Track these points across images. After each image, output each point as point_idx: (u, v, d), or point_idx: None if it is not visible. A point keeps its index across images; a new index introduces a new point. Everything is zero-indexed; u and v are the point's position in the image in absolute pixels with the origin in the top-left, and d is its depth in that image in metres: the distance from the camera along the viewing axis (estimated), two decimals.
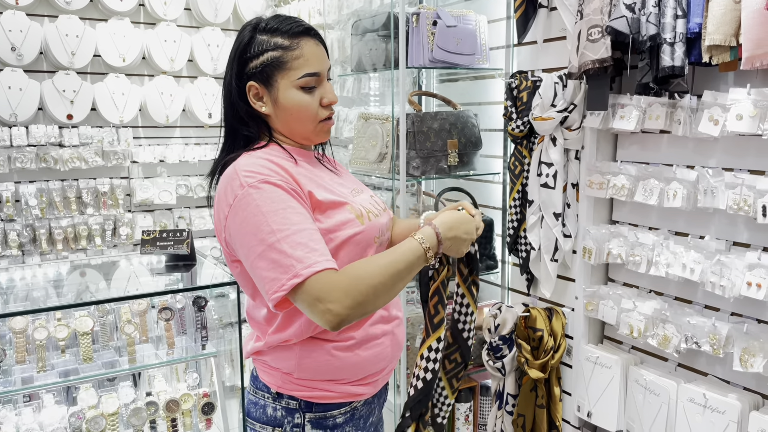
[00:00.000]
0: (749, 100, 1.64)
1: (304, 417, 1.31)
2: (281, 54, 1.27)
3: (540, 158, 2.20)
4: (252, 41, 1.28)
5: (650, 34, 1.74)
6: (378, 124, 2.44)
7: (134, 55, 3.67)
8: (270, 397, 1.33)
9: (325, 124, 1.34)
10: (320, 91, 1.31)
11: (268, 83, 1.29)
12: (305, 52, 1.29)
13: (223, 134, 1.35)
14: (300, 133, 1.33)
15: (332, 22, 3.22)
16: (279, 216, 1.16)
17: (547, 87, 2.10)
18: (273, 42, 1.27)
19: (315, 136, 1.35)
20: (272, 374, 1.33)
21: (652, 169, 1.93)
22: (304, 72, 1.28)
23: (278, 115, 1.31)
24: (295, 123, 1.31)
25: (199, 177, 4.00)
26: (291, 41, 1.28)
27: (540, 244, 2.24)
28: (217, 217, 1.25)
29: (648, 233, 1.96)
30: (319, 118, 1.32)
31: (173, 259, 2.01)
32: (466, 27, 2.33)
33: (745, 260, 1.67)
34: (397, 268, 1.20)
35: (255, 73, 1.28)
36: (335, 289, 1.13)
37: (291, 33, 1.28)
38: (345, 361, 1.31)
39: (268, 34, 1.28)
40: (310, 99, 1.30)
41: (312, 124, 1.32)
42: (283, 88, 1.28)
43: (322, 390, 1.31)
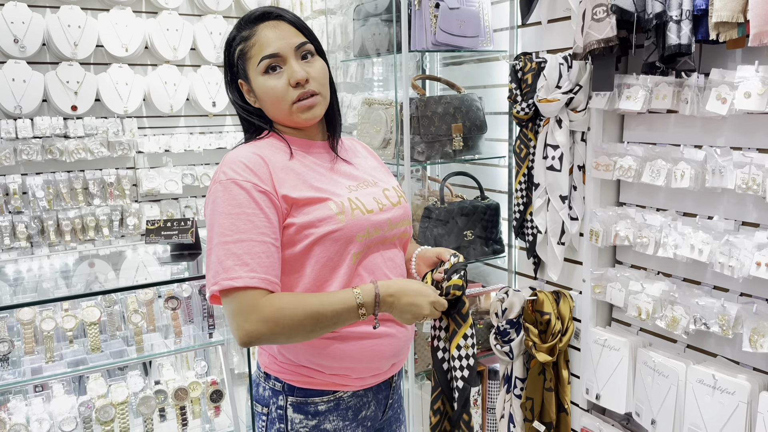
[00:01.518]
0: (757, 78, 1.61)
1: (287, 400, 1.31)
2: (243, 45, 1.29)
3: (546, 141, 2.17)
4: (231, 41, 1.33)
5: (656, 11, 1.70)
6: (382, 110, 2.42)
7: (137, 44, 3.65)
8: (262, 376, 1.37)
9: (300, 105, 1.30)
10: (286, 71, 1.29)
11: (246, 77, 1.32)
12: (260, 38, 1.28)
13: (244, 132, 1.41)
14: (282, 118, 1.33)
15: (334, 8, 3.19)
16: (228, 220, 1.19)
17: (552, 68, 2.08)
18: (239, 37, 1.31)
19: (296, 118, 1.32)
20: (263, 354, 1.38)
21: (660, 149, 1.90)
22: (261, 56, 1.27)
23: (262, 105, 1.33)
24: (273, 109, 1.32)
25: (204, 166, 4.00)
26: (249, 31, 1.29)
27: (546, 227, 2.23)
28: None
29: (656, 214, 1.94)
30: (290, 99, 1.29)
31: (178, 248, 2.01)
32: (470, 9, 2.30)
33: (754, 240, 1.64)
34: (323, 314, 1.19)
35: (238, 71, 1.33)
36: (255, 312, 1.16)
37: (249, 22, 1.30)
38: (323, 351, 1.28)
39: (236, 30, 1.32)
40: (277, 82, 1.28)
41: (286, 107, 1.30)
42: (253, 78, 1.30)
43: (302, 375, 1.31)
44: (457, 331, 1.40)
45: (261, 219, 1.20)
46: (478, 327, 2.53)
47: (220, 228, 1.18)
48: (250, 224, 1.19)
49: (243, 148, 1.29)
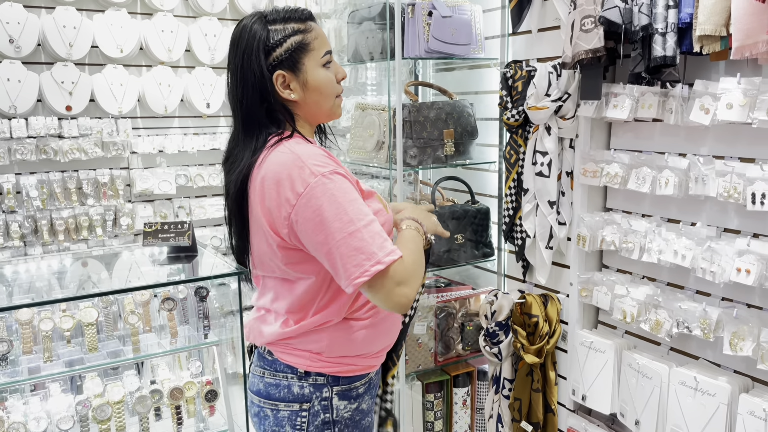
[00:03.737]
0: (739, 90, 1.66)
1: (332, 390, 1.41)
2: (303, 37, 1.33)
3: (535, 147, 2.22)
4: (269, 33, 1.31)
5: (642, 24, 1.76)
6: (375, 114, 2.46)
7: (132, 45, 3.67)
8: (295, 376, 1.41)
9: (339, 99, 1.43)
10: (334, 66, 1.41)
11: (295, 68, 1.34)
12: (319, 33, 1.37)
13: (242, 129, 1.37)
14: (325, 111, 1.40)
15: (329, 12, 3.23)
16: (354, 206, 1.25)
17: (542, 77, 2.13)
18: (290, 28, 1.33)
19: (335, 111, 1.43)
20: (300, 355, 1.41)
21: (645, 157, 1.96)
22: (325, 50, 1.37)
23: (307, 97, 1.37)
24: (323, 101, 1.38)
25: (198, 167, 4.02)
26: (305, 25, 1.35)
27: (535, 231, 2.28)
28: (276, 202, 1.27)
29: (641, 220, 1.99)
30: (336, 92, 1.41)
31: (175, 250, 2.04)
32: (462, 17, 2.34)
33: (734, 247, 1.70)
34: (419, 253, 1.37)
35: (282, 62, 1.32)
36: (411, 275, 1.27)
37: (303, 18, 1.36)
38: (366, 337, 1.42)
39: (282, 23, 1.33)
40: (331, 75, 1.39)
41: (332, 100, 1.40)
42: (311, 69, 1.35)
43: (347, 365, 1.41)
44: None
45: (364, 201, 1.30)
46: (468, 329, 2.58)
47: (351, 215, 1.23)
48: (365, 206, 1.28)
49: (300, 146, 1.30)
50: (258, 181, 1.30)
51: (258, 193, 1.30)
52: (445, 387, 2.62)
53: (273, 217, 1.28)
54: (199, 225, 4.05)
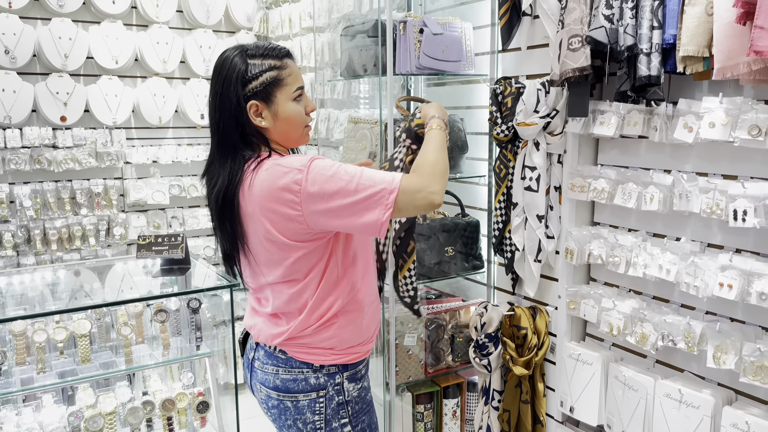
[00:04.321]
0: (721, 109, 1.71)
1: (343, 376, 1.63)
2: (277, 73, 1.51)
3: (524, 162, 2.26)
4: (248, 66, 1.48)
5: (628, 44, 1.80)
6: (367, 129, 2.50)
7: (127, 57, 3.71)
8: (310, 370, 1.60)
9: (308, 128, 1.61)
10: (304, 100, 1.58)
11: (268, 100, 1.51)
12: (293, 70, 1.55)
13: (217, 149, 1.53)
14: (293, 138, 1.59)
15: (322, 26, 3.27)
16: (343, 169, 1.44)
17: (530, 93, 2.17)
18: (267, 64, 1.50)
19: (303, 139, 1.61)
20: (314, 352, 1.60)
21: (631, 173, 2.00)
22: (297, 86, 1.54)
23: (277, 126, 1.54)
24: (291, 130, 1.56)
25: (191, 177, 4.04)
26: (281, 61, 1.52)
27: (524, 245, 2.31)
28: (283, 209, 1.43)
29: (627, 235, 2.03)
30: (305, 123, 1.59)
31: (168, 262, 2.07)
32: (452, 34, 2.39)
33: (717, 262, 1.74)
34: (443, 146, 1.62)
35: (256, 93, 1.49)
36: (429, 176, 1.48)
37: (280, 56, 1.53)
38: (365, 325, 1.66)
39: (260, 58, 1.50)
40: (300, 108, 1.56)
41: (301, 129, 1.59)
42: (282, 102, 1.52)
43: (354, 353, 1.64)
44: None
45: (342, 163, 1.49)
46: (458, 341, 2.61)
47: (348, 175, 1.43)
48: (348, 165, 1.47)
49: (279, 159, 1.47)
50: (255, 200, 1.45)
51: (259, 210, 1.45)
52: (435, 398, 2.64)
53: (284, 224, 1.45)
54: (192, 235, 4.07)
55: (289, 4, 3.71)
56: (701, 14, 1.67)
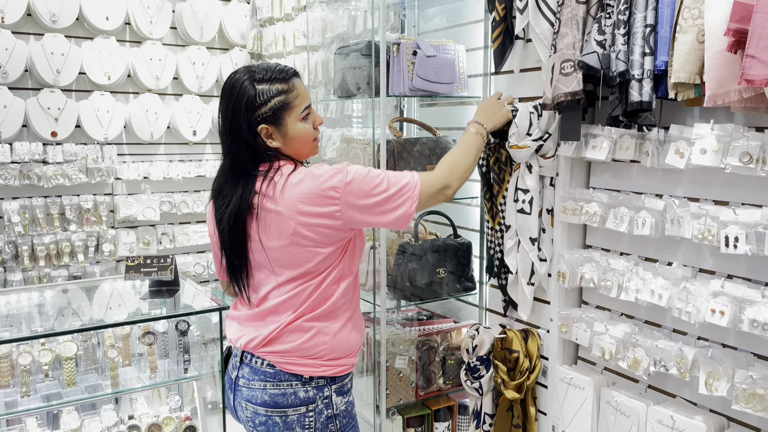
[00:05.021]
0: (713, 136, 1.71)
1: (331, 389, 1.65)
2: (285, 97, 1.57)
3: (516, 185, 2.26)
4: (257, 92, 1.54)
5: (620, 70, 1.81)
6: (359, 149, 2.50)
7: (119, 73, 3.70)
8: (300, 383, 1.62)
9: (317, 142, 1.70)
10: (312, 116, 1.66)
11: (277, 123, 1.58)
12: (300, 91, 1.61)
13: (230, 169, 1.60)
14: (303, 153, 1.67)
15: (316, 44, 3.28)
16: (373, 170, 1.59)
17: (523, 117, 2.17)
18: (275, 89, 1.56)
19: (313, 152, 1.70)
20: (304, 363, 1.62)
21: (623, 197, 2.00)
22: (304, 106, 1.61)
23: (288, 144, 1.61)
24: (301, 147, 1.64)
25: (182, 193, 4.03)
26: (288, 84, 1.58)
27: (517, 267, 2.31)
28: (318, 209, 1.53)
29: (619, 259, 2.03)
30: (313, 137, 1.67)
31: (157, 283, 2.04)
32: (445, 56, 2.40)
33: (709, 288, 1.74)
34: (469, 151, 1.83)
35: (266, 118, 1.56)
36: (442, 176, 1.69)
37: (286, 78, 1.58)
38: (355, 337, 1.71)
39: (268, 83, 1.56)
40: (308, 125, 1.64)
41: (310, 144, 1.67)
42: (290, 123, 1.59)
43: (341, 366, 1.67)
44: None
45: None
46: (450, 363, 2.59)
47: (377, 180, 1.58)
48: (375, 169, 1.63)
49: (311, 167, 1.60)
50: (288, 203, 1.53)
51: (292, 212, 1.53)
52: (426, 421, 2.62)
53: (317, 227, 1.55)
54: (182, 252, 4.05)
55: (283, 23, 3.72)
56: (692, 42, 1.68)
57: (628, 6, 1.81)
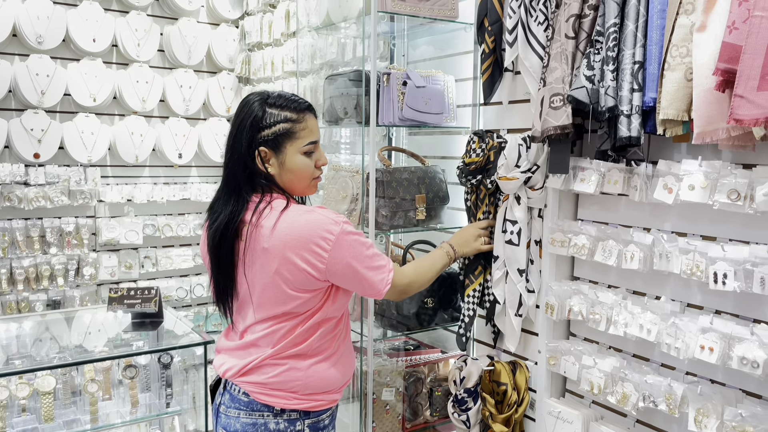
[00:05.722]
0: (701, 172, 1.73)
1: (304, 423, 1.62)
2: (291, 126, 1.56)
3: (505, 216, 2.26)
4: (264, 114, 1.55)
5: (608, 105, 1.82)
6: (348, 177, 2.49)
7: (105, 95, 3.67)
8: (271, 414, 1.59)
9: (316, 181, 1.67)
10: (316, 154, 1.64)
11: (277, 149, 1.57)
12: (309, 125, 1.60)
13: (224, 186, 1.60)
14: (297, 188, 1.64)
15: (305, 70, 3.28)
16: (363, 240, 1.59)
17: (512, 148, 2.18)
18: (283, 115, 1.56)
19: (308, 189, 1.67)
20: (276, 394, 1.59)
21: (611, 230, 2.01)
22: (309, 140, 1.60)
23: (282, 174, 1.59)
24: (296, 181, 1.61)
25: (166, 216, 3.98)
26: (298, 115, 1.58)
27: (505, 298, 2.29)
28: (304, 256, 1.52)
29: (607, 292, 2.03)
30: (313, 176, 1.65)
31: (140, 315, 2.00)
32: (435, 87, 2.40)
33: (698, 323, 1.74)
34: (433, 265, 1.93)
35: (267, 141, 1.55)
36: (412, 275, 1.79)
37: (298, 109, 1.58)
38: (332, 375, 1.65)
39: (278, 108, 1.56)
40: (310, 161, 1.62)
41: (308, 181, 1.64)
42: (290, 153, 1.58)
43: (317, 401, 1.63)
44: None
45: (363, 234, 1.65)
46: (437, 394, 2.56)
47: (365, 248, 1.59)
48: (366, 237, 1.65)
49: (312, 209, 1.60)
50: (278, 241, 1.51)
51: (280, 250, 1.51)
52: None
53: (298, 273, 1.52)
54: (164, 275, 3.99)
55: (272, 48, 3.72)
56: (680, 79, 1.70)
57: (616, 43, 1.83)
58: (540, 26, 2.10)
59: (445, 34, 2.70)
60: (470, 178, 2.30)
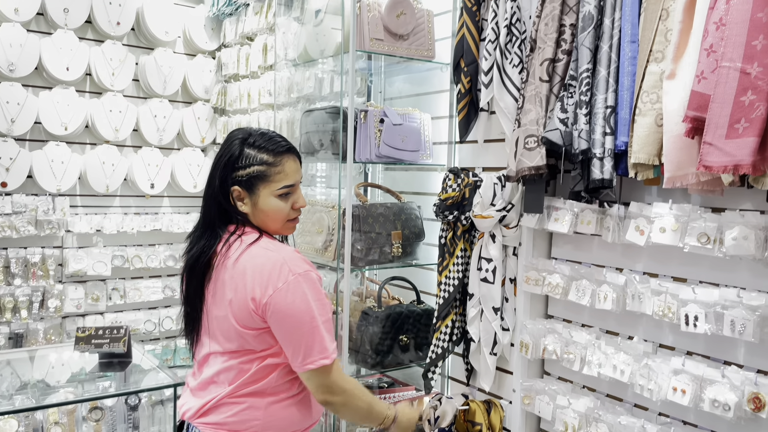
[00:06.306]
0: (671, 215, 1.76)
1: None
2: (266, 169, 1.54)
3: (480, 253, 2.27)
4: (241, 154, 1.54)
5: (582, 148, 1.86)
6: (324, 212, 2.48)
7: (77, 123, 3.62)
8: None
9: (292, 222, 1.64)
10: (293, 197, 1.61)
11: (251, 190, 1.55)
12: (286, 168, 1.57)
13: (201, 223, 1.60)
14: (271, 228, 1.61)
15: (282, 103, 3.28)
16: (319, 304, 1.50)
17: (487, 187, 2.20)
18: (259, 158, 1.54)
19: (283, 230, 1.64)
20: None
21: (585, 270, 2.03)
22: (284, 184, 1.57)
23: (255, 214, 1.58)
24: (269, 221, 1.59)
25: (136, 248, 3.90)
26: (275, 158, 1.55)
27: (480, 337, 2.29)
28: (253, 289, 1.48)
29: (581, 331, 2.04)
30: (289, 218, 1.62)
31: (108, 355, 1.94)
32: (411, 125, 2.43)
33: (670, 365, 1.75)
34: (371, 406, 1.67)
35: (240, 181, 1.54)
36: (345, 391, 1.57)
37: (276, 152, 1.56)
38: (296, 416, 1.60)
39: (256, 149, 1.55)
40: (285, 204, 1.59)
41: (281, 223, 1.61)
42: (263, 195, 1.56)
43: None
44: None
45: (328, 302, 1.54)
46: None
47: (317, 311, 1.49)
48: (327, 304, 1.54)
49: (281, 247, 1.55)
50: (238, 275, 1.49)
51: (239, 282, 1.49)
52: None
53: (249, 303, 1.48)
54: (132, 308, 3.90)
55: (249, 80, 3.73)
56: (651, 124, 1.75)
57: (589, 87, 1.87)
58: (515, 68, 2.14)
59: (422, 72, 2.74)
60: (447, 213, 2.31)
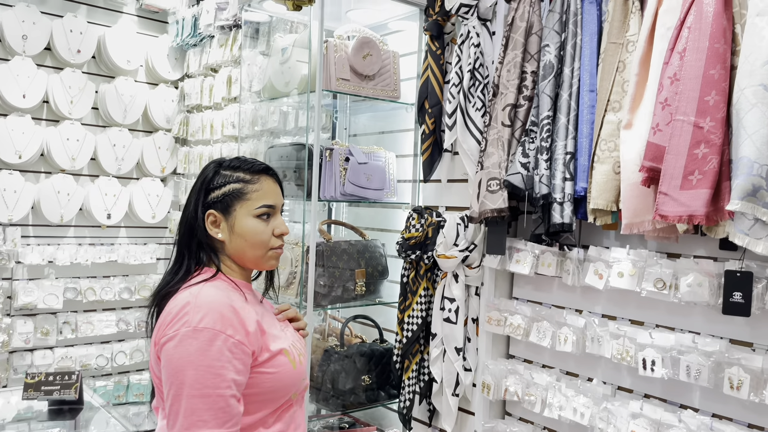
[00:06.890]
0: (629, 260, 1.81)
1: None
2: (242, 186, 1.42)
3: (443, 293, 2.28)
4: (216, 175, 1.44)
5: (542, 193, 1.90)
6: (287, 249, 2.45)
7: (32, 152, 3.51)
8: None
9: (275, 252, 1.46)
10: (274, 222, 1.45)
11: (226, 211, 1.42)
12: (264, 187, 1.44)
13: (175, 252, 1.46)
14: (251, 258, 1.44)
15: (245, 136, 3.26)
16: (203, 373, 1.25)
17: (451, 228, 2.22)
18: (235, 176, 1.43)
19: (265, 261, 1.46)
20: None
21: (545, 311, 2.05)
22: (262, 203, 1.42)
23: (233, 240, 1.42)
24: (248, 248, 1.42)
25: (90, 279, 3.78)
26: (252, 176, 1.44)
27: (442, 377, 2.28)
28: (159, 329, 1.32)
29: (542, 372, 2.06)
30: (270, 245, 1.44)
31: (58, 402, 1.85)
32: (376, 163, 2.44)
33: (629, 409, 1.78)
34: None
35: (216, 202, 1.42)
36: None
37: (252, 170, 1.44)
38: None
39: (231, 169, 1.44)
40: (264, 227, 1.43)
41: (263, 251, 1.44)
42: (240, 216, 1.41)
43: None
44: None
45: (229, 371, 1.27)
46: None
47: (194, 379, 1.25)
48: (218, 378, 1.26)
49: (209, 291, 1.34)
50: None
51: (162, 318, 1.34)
52: None
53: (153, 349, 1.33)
54: (84, 342, 3.76)
55: (212, 111, 3.70)
56: (609, 172, 1.80)
57: (550, 134, 1.92)
58: (478, 112, 2.19)
59: (387, 111, 2.77)
60: (410, 252, 2.32)
